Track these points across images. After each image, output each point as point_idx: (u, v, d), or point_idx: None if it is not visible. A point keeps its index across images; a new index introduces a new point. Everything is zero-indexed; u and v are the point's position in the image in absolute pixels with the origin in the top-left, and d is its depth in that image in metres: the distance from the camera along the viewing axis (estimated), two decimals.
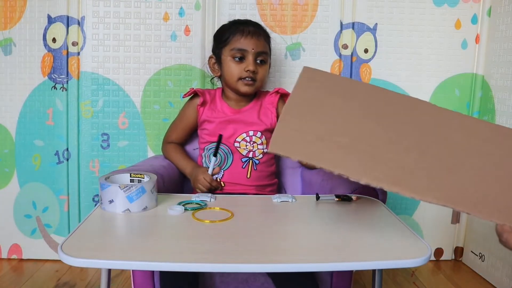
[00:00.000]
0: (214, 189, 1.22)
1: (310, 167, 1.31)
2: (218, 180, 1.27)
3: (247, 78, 1.26)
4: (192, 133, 1.39)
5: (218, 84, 1.44)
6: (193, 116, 1.33)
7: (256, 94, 1.37)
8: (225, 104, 1.32)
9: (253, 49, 1.25)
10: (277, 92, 1.35)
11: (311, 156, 0.50)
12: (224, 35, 1.30)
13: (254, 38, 1.26)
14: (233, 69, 1.27)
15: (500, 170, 0.63)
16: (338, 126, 0.59)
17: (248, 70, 1.25)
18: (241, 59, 1.26)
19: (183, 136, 1.38)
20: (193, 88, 1.34)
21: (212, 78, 1.42)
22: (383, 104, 0.72)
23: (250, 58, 1.25)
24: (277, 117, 1.33)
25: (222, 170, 1.27)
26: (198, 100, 1.32)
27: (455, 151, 0.65)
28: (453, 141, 0.68)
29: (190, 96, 1.35)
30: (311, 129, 0.55)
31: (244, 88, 1.28)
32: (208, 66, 1.38)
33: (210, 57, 1.36)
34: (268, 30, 1.56)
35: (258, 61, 1.27)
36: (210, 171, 1.24)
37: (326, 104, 0.64)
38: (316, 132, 0.55)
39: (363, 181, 0.50)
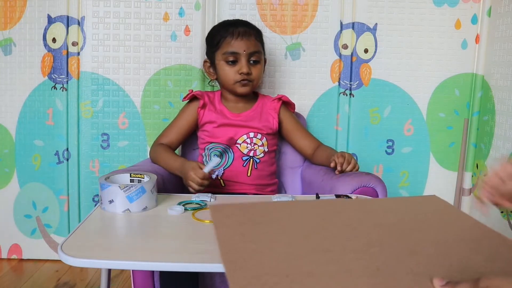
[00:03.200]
0: (207, 186, 1.10)
1: (319, 164, 1.30)
2: (218, 178, 1.26)
3: (242, 80, 1.26)
4: (187, 138, 1.37)
5: (218, 86, 1.44)
6: (193, 119, 1.32)
7: (256, 98, 1.37)
8: (224, 108, 1.32)
9: (244, 50, 1.25)
10: (279, 99, 1.35)
11: None
12: (215, 39, 1.30)
13: (245, 39, 1.26)
14: (228, 73, 1.27)
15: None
16: (286, 256, 0.59)
17: (242, 73, 1.25)
18: (234, 62, 1.26)
19: (178, 139, 1.33)
20: (191, 91, 1.34)
21: (210, 81, 1.42)
22: (303, 217, 0.73)
23: (243, 60, 1.25)
24: (279, 122, 1.33)
25: (223, 169, 1.27)
26: (198, 103, 1.31)
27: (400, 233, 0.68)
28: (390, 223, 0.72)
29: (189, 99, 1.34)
30: (268, 270, 0.54)
31: (241, 89, 1.28)
32: (204, 70, 1.39)
33: (205, 61, 1.37)
34: (268, 30, 1.57)
35: (252, 61, 1.27)
36: (206, 170, 1.08)
37: (257, 237, 0.64)
38: (272, 271, 0.54)
39: None
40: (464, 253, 0.62)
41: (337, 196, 1.00)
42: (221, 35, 1.28)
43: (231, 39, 1.26)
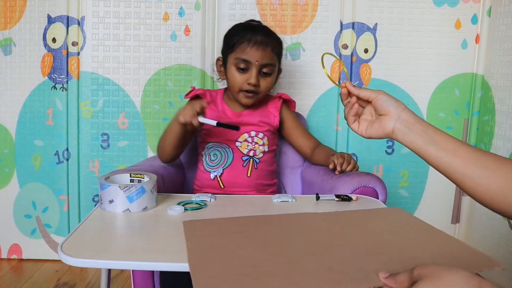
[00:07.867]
0: (191, 130, 1.13)
1: (318, 164, 1.30)
2: (218, 179, 1.26)
3: (248, 91, 1.23)
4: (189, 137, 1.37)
5: (220, 85, 1.43)
6: None
7: None
8: (226, 106, 1.32)
9: (257, 61, 1.20)
10: (279, 97, 1.34)
11: None
12: (232, 40, 1.25)
13: (260, 49, 1.20)
14: (236, 79, 1.23)
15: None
16: (249, 260, 0.64)
17: (249, 83, 1.21)
18: (245, 69, 1.21)
19: None
20: (194, 88, 1.33)
21: (218, 78, 1.40)
22: (269, 228, 0.79)
23: (253, 70, 1.21)
24: (281, 121, 1.33)
25: (222, 169, 1.27)
26: None
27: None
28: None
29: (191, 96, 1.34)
30: (229, 270, 0.60)
31: (245, 100, 1.25)
32: (215, 67, 1.35)
33: (218, 59, 1.33)
34: None
35: (262, 73, 1.23)
36: (201, 120, 1.08)
37: (224, 246, 0.69)
38: (234, 271, 0.60)
39: None
40: (416, 253, 0.67)
41: (337, 196, 1.00)
42: (239, 38, 1.23)
43: (246, 45, 1.21)
